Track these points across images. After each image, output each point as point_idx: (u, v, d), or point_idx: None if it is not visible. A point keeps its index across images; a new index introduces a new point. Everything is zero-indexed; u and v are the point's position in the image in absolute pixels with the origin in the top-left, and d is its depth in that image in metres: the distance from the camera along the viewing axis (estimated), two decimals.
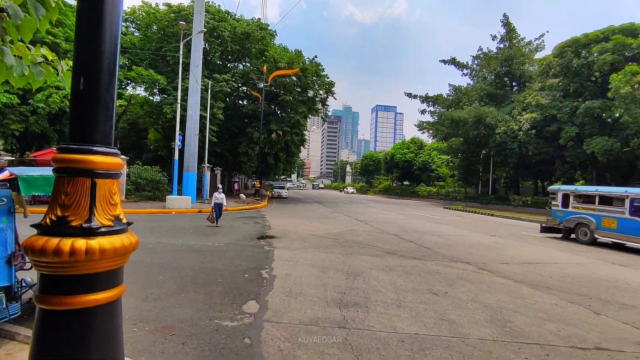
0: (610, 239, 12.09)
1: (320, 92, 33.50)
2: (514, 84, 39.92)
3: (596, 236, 12.33)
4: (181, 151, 19.95)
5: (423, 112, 41.38)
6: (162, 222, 12.94)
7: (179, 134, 19.05)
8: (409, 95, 41.96)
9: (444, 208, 31.92)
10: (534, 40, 38.19)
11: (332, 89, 33.30)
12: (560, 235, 13.89)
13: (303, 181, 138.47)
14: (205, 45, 26.48)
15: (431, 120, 41.49)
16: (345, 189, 74.22)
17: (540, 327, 4.47)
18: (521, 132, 30.72)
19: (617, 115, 24.88)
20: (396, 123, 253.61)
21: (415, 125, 42.94)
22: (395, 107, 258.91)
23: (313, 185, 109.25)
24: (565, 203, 13.49)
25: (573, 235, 13.26)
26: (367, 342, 3.76)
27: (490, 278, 6.91)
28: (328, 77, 32.68)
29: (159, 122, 27.34)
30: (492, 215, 24.96)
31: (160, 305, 4.57)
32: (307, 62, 31.20)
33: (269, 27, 32.05)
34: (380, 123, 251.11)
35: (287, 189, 47.94)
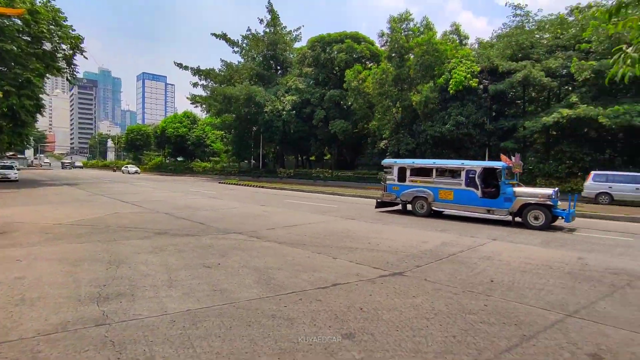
0: (446, 210, 12.76)
1: (64, 46, 26.83)
2: (279, 67, 44.29)
3: (433, 208, 12.57)
4: None
5: (195, 85, 40.15)
6: None
7: None
8: (180, 65, 39.66)
9: (219, 183, 32.63)
10: (293, 31, 43.28)
11: (81, 45, 27.28)
12: (393, 208, 14.09)
13: (47, 160, 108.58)
14: None
15: (204, 94, 40.83)
16: (125, 168, 56.33)
17: (297, 278, 5.31)
18: (284, 112, 34.74)
19: (350, 103, 31.88)
20: (167, 94, 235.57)
21: (187, 98, 41.20)
22: (166, 77, 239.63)
23: (63, 164, 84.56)
24: (402, 177, 13.29)
25: (409, 208, 13.26)
26: (132, 333, 3.43)
27: (259, 244, 7.62)
28: (74, 30, 26.49)
29: None
30: (262, 187, 27.46)
31: None
32: (38, 4, 24.06)
33: None
34: (149, 93, 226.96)
35: (19, 169, 36.85)
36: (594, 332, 3.77)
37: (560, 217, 10.59)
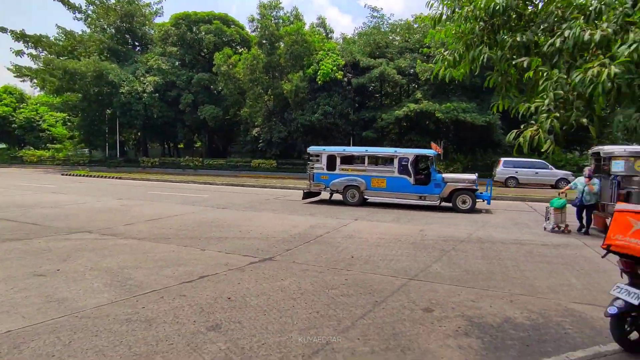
0: (378, 198, 12.44)
1: None
2: (137, 43, 39.24)
3: (365, 197, 12.32)
4: None
5: (19, 53, 32.19)
6: None
7: None
8: None
9: (63, 175, 27.46)
10: (153, 4, 38.70)
11: None
12: (317, 198, 13.63)
13: None
14: None
15: (35, 66, 33.26)
16: None
17: (159, 275, 4.86)
18: (145, 94, 31.13)
19: (220, 88, 30.51)
20: None
21: (9, 69, 32.98)
22: None
23: None
24: (331, 165, 12.65)
25: (339, 197, 12.83)
26: None
27: (113, 242, 6.70)
28: None
29: None
30: (120, 178, 24.26)
31: None
32: None
33: None
34: None
35: None
36: (428, 290, 4.53)
37: (482, 200, 11.64)
